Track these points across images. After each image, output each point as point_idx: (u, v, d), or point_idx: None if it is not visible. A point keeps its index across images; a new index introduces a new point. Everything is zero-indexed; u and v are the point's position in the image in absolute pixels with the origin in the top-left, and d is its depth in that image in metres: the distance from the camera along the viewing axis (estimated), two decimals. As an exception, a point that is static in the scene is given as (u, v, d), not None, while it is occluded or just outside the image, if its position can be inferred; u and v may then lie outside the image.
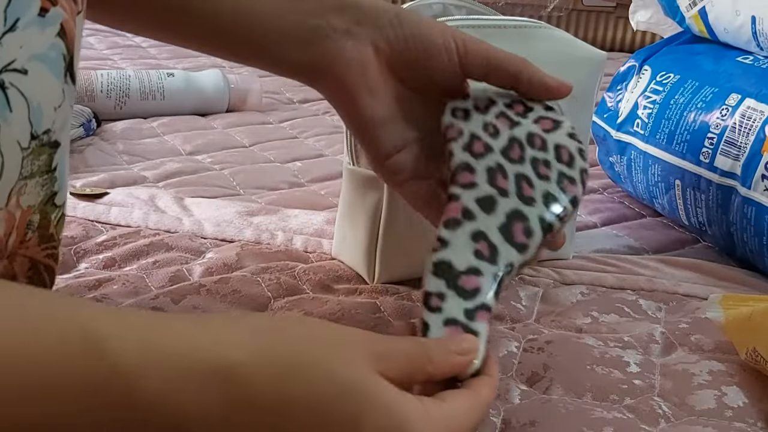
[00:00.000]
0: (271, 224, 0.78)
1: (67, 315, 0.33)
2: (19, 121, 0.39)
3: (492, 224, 0.47)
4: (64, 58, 0.41)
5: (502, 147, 0.49)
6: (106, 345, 0.32)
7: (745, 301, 0.58)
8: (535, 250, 0.47)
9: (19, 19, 0.37)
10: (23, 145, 0.39)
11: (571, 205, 0.49)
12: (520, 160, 0.49)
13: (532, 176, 0.49)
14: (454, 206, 0.47)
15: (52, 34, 0.40)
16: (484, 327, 0.44)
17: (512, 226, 0.47)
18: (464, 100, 0.52)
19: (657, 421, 0.52)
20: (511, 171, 0.49)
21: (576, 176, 0.49)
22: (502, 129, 0.50)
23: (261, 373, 0.35)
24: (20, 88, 0.38)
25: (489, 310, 0.44)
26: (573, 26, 1.74)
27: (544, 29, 0.67)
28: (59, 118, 0.42)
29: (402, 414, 0.36)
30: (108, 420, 0.33)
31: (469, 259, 0.45)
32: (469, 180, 0.48)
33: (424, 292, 0.45)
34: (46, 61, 0.40)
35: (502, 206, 0.47)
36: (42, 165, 0.42)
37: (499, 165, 0.49)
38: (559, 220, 0.48)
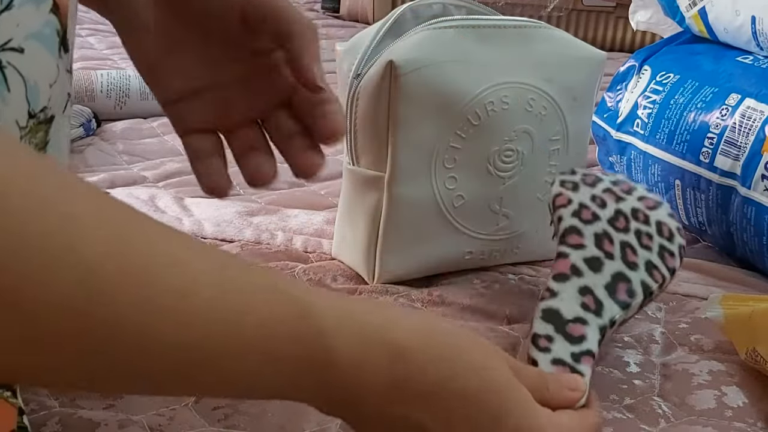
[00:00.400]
0: (271, 224, 0.78)
1: (281, 287, 0.35)
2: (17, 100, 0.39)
3: (598, 282, 0.52)
4: (58, 33, 0.41)
5: (608, 217, 0.55)
6: (315, 318, 0.35)
7: (745, 301, 0.58)
8: (636, 310, 0.53)
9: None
10: (21, 124, 0.39)
11: (670, 275, 0.55)
12: (625, 230, 0.55)
13: (636, 245, 0.55)
14: (563, 263, 0.53)
15: (45, 10, 0.40)
16: (588, 370, 0.48)
17: (617, 285, 0.53)
18: (572, 174, 0.58)
19: (657, 421, 0.52)
20: (616, 238, 0.54)
21: (675, 250, 0.56)
22: (609, 202, 0.56)
23: (423, 359, 0.38)
24: (18, 67, 0.38)
25: (593, 356, 0.49)
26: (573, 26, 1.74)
27: (544, 29, 0.67)
28: (54, 95, 0.41)
29: (537, 415, 0.40)
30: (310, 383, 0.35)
31: (576, 309, 0.51)
32: (578, 242, 0.54)
33: (533, 333, 0.50)
34: (42, 39, 0.39)
35: (607, 267, 0.53)
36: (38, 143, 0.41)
37: (605, 232, 0.55)
38: (659, 287, 0.54)
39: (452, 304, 0.64)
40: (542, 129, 0.67)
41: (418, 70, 0.62)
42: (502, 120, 0.65)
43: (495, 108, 0.64)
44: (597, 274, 0.53)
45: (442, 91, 0.63)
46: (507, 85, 0.65)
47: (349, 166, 0.68)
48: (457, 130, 0.64)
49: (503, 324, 0.63)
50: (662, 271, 0.55)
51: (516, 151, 0.66)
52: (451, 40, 0.64)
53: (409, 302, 0.64)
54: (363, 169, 0.66)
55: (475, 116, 0.64)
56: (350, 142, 0.66)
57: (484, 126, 0.64)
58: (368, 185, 0.66)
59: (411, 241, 0.66)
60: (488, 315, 0.63)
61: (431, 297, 0.65)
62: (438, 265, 0.68)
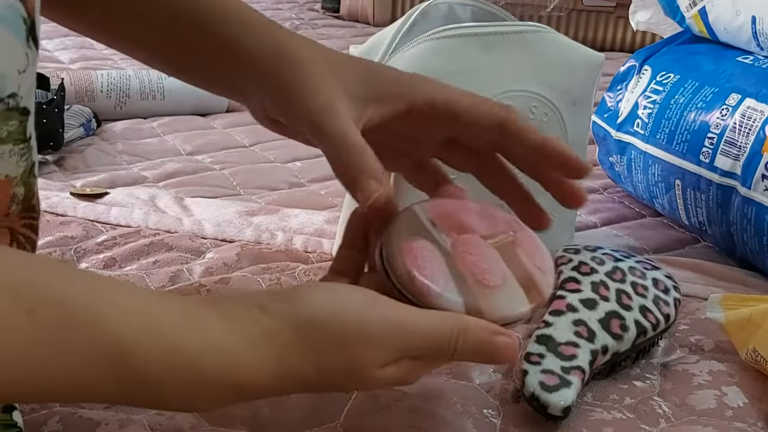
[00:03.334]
0: (271, 224, 0.78)
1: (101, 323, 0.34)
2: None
3: (592, 317, 0.55)
4: (24, 21, 0.40)
5: (606, 271, 0.58)
6: (132, 360, 0.35)
7: (746, 301, 0.58)
8: (629, 345, 0.55)
9: None
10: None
11: (665, 321, 0.57)
12: (621, 281, 0.58)
13: (631, 293, 0.57)
14: (559, 302, 0.56)
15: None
16: (578, 381, 0.51)
17: (610, 320, 0.55)
18: (575, 245, 0.62)
19: (657, 421, 0.52)
20: (612, 286, 0.57)
21: (670, 301, 0.58)
22: (608, 261, 0.59)
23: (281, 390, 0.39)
24: None
25: (584, 372, 0.51)
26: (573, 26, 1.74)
27: (543, 33, 0.67)
28: (24, 83, 0.41)
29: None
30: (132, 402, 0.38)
31: (569, 336, 0.53)
32: (575, 287, 0.57)
33: (526, 352, 0.52)
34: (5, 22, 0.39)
35: (602, 307, 0.55)
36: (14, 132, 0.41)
37: (602, 281, 0.57)
38: (653, 328, 0.56)
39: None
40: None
41: None
42: (505, 128, 0.65)
43: (498, 117, 0.64)
44: (591, 311, 0.55)
45: (447, 102, 0.63)
46: (510, 94, 0.64)
47: (353, 170, 0.68)
48: (461, 139, 0.64)
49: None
50: (656, 315, 0.57)
51: None
52: (454, 50, 0.63)
53: (410, 302, 0.64)
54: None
55: (478, 124, 0.64)
56: None
57: (487, 134, 0.64)
58: (371, 191, 0.66)
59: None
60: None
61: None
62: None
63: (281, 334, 0.38)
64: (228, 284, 0.63)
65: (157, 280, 0.66)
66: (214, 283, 0.64)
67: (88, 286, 0.35)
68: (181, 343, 0.36)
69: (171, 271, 0.67)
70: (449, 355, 0.41)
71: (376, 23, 1.80)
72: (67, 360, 0.33)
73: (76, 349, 0.33)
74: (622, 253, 0.61)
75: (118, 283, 0.37)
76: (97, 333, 0.34)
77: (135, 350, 0.34)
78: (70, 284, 0.35)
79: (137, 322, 0.35)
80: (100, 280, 0.37)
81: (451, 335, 0.41)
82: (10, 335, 0.32)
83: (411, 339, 0.40)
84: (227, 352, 0.37)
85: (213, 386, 0.37)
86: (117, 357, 0.34)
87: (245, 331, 0.38)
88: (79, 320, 0.34)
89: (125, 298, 0.36)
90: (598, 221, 0.86)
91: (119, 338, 0.34)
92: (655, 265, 0.61)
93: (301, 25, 1.77)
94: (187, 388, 0.36)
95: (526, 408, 0.51)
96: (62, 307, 0.34)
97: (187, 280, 0.66)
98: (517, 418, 0.51)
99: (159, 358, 0.35)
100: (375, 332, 0.39)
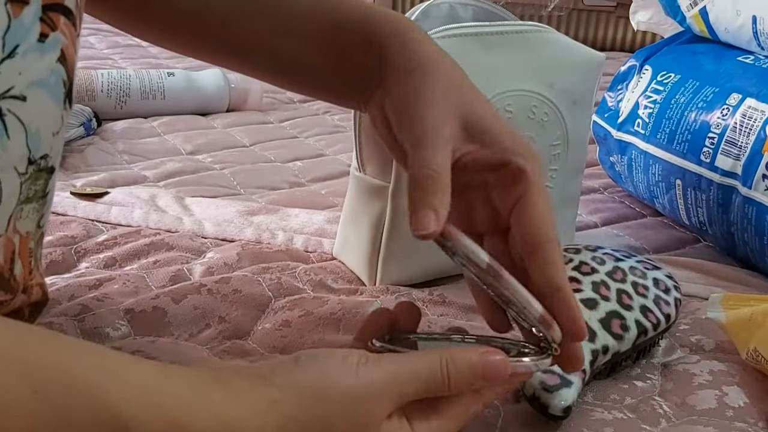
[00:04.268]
0: (272, 224, 0.77)
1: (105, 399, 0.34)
2: (17, 147, 0.38)
3: (593, 316, 0.54)
4: (64, 84, 0.40)
5: (606, 270, 0.58)
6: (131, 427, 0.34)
7: (746, 301, 0.58)
8: (630, 345, 0.55)
9: (18, 45, 0.37)
10: (21, 170, 0.39)
11: (665, 321, 0.57)
12: (622, 281, 0.57)
13: (632, 293, 0.57)
14: None
15: (52, 59, 0.39)
16: (578, 381, 0.50)
17: (611, 320, 0.54)
18: (576, 244, 0.61)
19: (658, 421, 0.52)
20: (613, 286, 0.57)
21: (671, 301, 0.58)
22: (608, 261, 0.59)
23: None
24: (18, 114, 0.38)
25: (584, 372, 0.51)
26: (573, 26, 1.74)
27: (544, 33, 0.67)
28: (56, 144, 0.41)
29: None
30: None
31: None
32: (575, 287, 0.56)
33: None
34: (46, 87, 0.39)
35: (603, 307, 0.55)
36: (39, 190, 0.41)
37: (602, 281, 0.57)
38: (653, 328, 0.56)
39: (453, 304, 0.64)
40: (544, 135, 0.67)
41: None
42: (505, 128, 0.65)
43: (499, 117, 0.64)
44: (592, 311, 0.54)
45: (448, 101, 0.63)
46: (510, 93, 0.64)
47: (356, 173, 0.68)
48: (462, 139, 0.64)
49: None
50: (657, 314, 0.56)
51: None
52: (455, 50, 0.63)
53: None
54: (369, 177, 0.66)
55: (479, 125, 0.64)
56: (357, 149, 0.66)
57: (488, 134, 0.64)
58: (373, 194, 0.66)
59: (413, 249, 0.66)
60: (489, 315, 0.64)
61: (432, 297, 0.65)
62: (440, 272, 0.68)
63: (285, 402, 0.38)
64: (228, 284, 0.63)
65: (157, 279, 0.65)
66: (214, 282, 0.64)
67: (92, 360, 0.35)
68: (184, 416, 0.36)
69: (171, 271, 0.67)
70: (445, 385, 0.41)
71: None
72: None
73: (79, 423, 0.33)
74: (623, 252, 0.61)
75: (122, 357, 0.37)
76: (99, 408, 0.34)
77: (136, 425, 0.34)
78: (76, 360, 0.35)
79: (139, 397, 0.35)
80: (104, 354, 0.37)
81: (441, 364, 0.41)
82: (14, 413, 0.32)
83: (405, 381, 0.40)
84: (231, 425, 0.36)
85: None
86: (118, 430, 0.34)
87: (249, 403, 0.37)
88: (82, 395, 0.34)
89: (128, 373, 0.36)
90: (599, 221, 0.86)
91: (120, 412, 0.34)
92: (655, 265, 0.61)
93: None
94: None
95: (527, 408, 0.51)
96: (66, 384, 0.34)
97: (188, 279, 0.66)
98: (518, 418, 0.51)
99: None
100: (376, 390, 0.39)
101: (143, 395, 0.35)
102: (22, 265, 0.42)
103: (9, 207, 0.39)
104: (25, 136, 0.38)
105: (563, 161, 0.69)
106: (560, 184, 0.70)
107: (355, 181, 0.68)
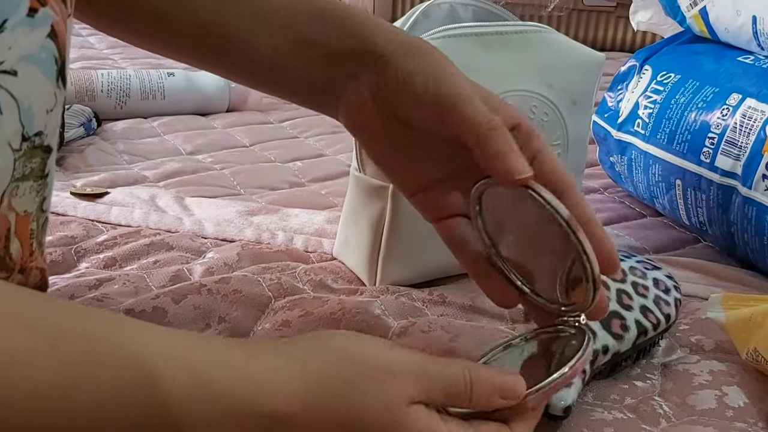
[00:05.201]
0: (272, 224, 0.77)
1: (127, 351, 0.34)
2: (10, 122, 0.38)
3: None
4: (56, 60, 0.41)
5: None
6: (159, 387, 0.34)
7: (746, 301, 0.58)
8: (630, 345, 0.55)
9: (6, 20, 0.37)
10: (14, 146, 0.39)
11: (665, 321, 0.57)
12: (622, 281, 0.57)
13: (632, 293, 0.57)
14: None
15: (42, 35, 0.39)
16: (578, 381, 0.51)
17: (611, 321, 0.54)
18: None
19: (658, 421, 0.52)
20: (613, 286, 0.56)
21: (671, 301, 0.58)
22: None
23: (310, 423, 0.37)
24: (10, 89, 0.38)
25: (584, 372, 0.52)
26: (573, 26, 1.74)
27: (544, 33, 0.67)
28: (51, 122, 0.41)
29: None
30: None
31: None
32: None
33: None
34: (37, 62, 0.39)
35: None
36: (35, 169, 0.41)
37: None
38: (653, 328, 0.56)
39: (453, 304, 0.64)
40: (544, 135, 0.67)
41: None
42: (505, 129, 0.65)
43: (499, 117, 0.64)
44: None
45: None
46: (511, 93, 0.64)
47: (356, 173, 0.68)
48: (462, 139, 0.64)
49: (504, 324, 0.63)
50: (657, 315, 0.57)
51: None
52: (455, 49, 0.63)
53: (410, 301, 0.64)
54: (369, 177, 0.66)
55: (479, 125, 0.64)
56: (357, 150, 0.66)
57: (488, 134, 0.64)
58: (373, 194, 0.66)
59: (413, 250, 0.66)
60: (490, 315, 0.63)
61: (432, 296, 0.65)
62: (440, 272, 0.68)
63: (309, 363, 0.38)
64: (228, 284, 0.63)
65: (157, 280, 0.65)
66: (214, 282, 0.64)
67: (109, 321, 0.35)
68: (209, 373, 0.35)
69: (171, 271, 0.67)
70: (467, 393, 0.41)
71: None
72: (93, 391, 0.33)
73: (101, 378, 0.33)
74: (623, 252, 0.61)
75: (138, 322, 0.37)
76: (121, 361, 0.33)
77: (160, 376, 0.34)
78: (92, 321, 0.35)
79: (160, 350, 0.35)
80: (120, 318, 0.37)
81: (464, 372, 0.41)
82: (33, 370, 0.32)
83: (432, 372, 0.40)
84: (253, 380, 0.36)
85: (241, 416, 0.36)
86: (142, 382, 0.34)
87: (270, 361, 0.37)
88: (103, 351, 0.34)
89: (147, 334, 0.36)
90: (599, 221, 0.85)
91: (143, 364, 0.34)
92: (655, 265, 0.61)
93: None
94: (214, 415, 0.35)
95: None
96: (85, 341, 0.33)
97: (188, 279, 0.66)
98: (518, 418, 0.51)
99: (185, 384, 0.34)
100: (403, 366, 0.39)
101: (165, 349, 0.35)
102: (20, 244, 0.42)
103: (2, 183, 0.39)
104: (18, 111, 0.39)
105: (563, 161, 0.69)
106: (560, 184, 0.70)
107: (355, 181, 0.68)
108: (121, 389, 0.33)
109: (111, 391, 0.33)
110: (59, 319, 0.34)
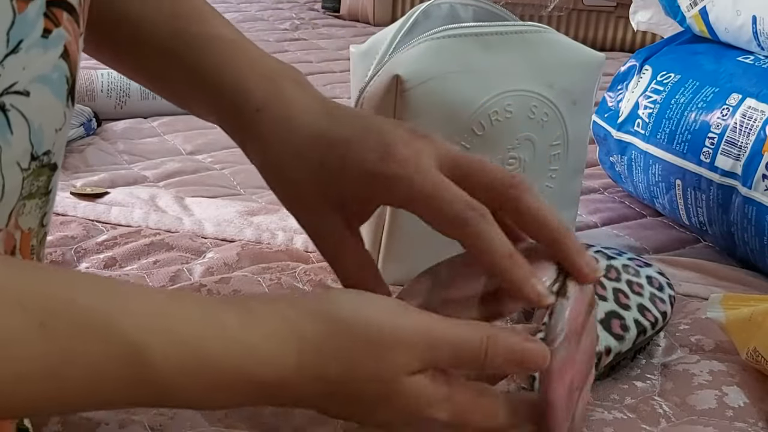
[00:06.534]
0: (272, 224, 0.77)
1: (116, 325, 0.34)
2: (20, 142, 0.38)
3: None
4: (67, 80, 0.40)
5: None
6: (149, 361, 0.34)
7: (746, 301, 0.58)
8: (630, 345, 0.55)
9: (22, 40, 0.37)
10: (23, 165, 0.39)
11: (662, 318, 0.57)
12: (617, 279, 0.57)
13: (628, 291, 0.57)
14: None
15: (55, 56, 0.39)
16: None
17: (611, 321, 0.55)
18: None
19: (658, 421, 0.52)
20: (609, 285, 0.57)
21: (666, 298, 0.59)
22: (601, 259, 0.59)
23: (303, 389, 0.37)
24: (21, 109, 0.38)
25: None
26: (573, 26, 1.74)
27: (544, 33, 0.67)
28: (59, 141, 0.41)
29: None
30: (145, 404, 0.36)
31: None
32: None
33: None
34: (49, 83, 0.39)
35: (601, 307, 0.55)
36: (41, 186, 0.41)
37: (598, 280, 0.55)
38: (651, 326, 0.56)
39: (453, 304, 0.64)
40: (544, 135, 0.67)
41: (425, 83, 0.62)
42: (505, 129, 0.65)
43: (499, 117, 0.64)
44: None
45: (448, 103, 0.63)
46: (510, 93, 0.64)
47: (355, 173, 0.67)
48: (461, 140, 0.64)
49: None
50: (654, 313, 0.57)
51: (518, 158, 0.66)
52: (455, 50, 0.63)
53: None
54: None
55: (479, 126, 0.64)
56: None
57: (487, 135, 0.64)
58: (373, 195, 0.66)
59: (413, 250, 0.66)
60: (489, 315, 0.63)
61: (432, 297, 0.65)
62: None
63: (304, 327, 0.37)
64: (228, 284, 0.63)
65: (157, 280, 0.65)
66: (214, 282, 0.64)
67: (98, 289, 0.35)
68: (197, 340, 0.35)
69: (171, 271, 0.67)
70: (480, 360, 0.40)
71: (376, 23, 1.80)
72: (82, 366, 0.33)
73: (90, 354, 0.33)
74: (614, 250, 0.61)
75: (128, 285, 0.37)
76: (110, 336, 0.34)
77: (149, 350, 0.34)
78: (80, 290, 0.35)
79: (149, 323, 0.35)
80: (110, 284, 0.37)
81: (481, 340, 0.40)
82: (25, 351, 0.32)
83: (439, 345, 0.39)
84: (245, 346, 0.36)
85: (230, 383, 0.36)
86: (131, 357, 0.34)
87: (265, 324, 0.37)
88: (92, 325, 0.34)
89: (136, 300, 0.36)
90: (599, 221, 0.86)
91: (132, 339, 0.34)
92: (646, 262, 0.61)
93: (302, 24, 1.77)
94: (204, 385, 0.35)
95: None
96: (74, 314, 0.33)
97: (188, 279, 0.66)
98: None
99: (174, 357, 0.35)
100: (405, 337, 0.39)
101: (154, 321, 0.35)
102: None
103: (11, 202, 0.39)
104: (29, 131, 0.39)
105: (563, 161, 0.69)
106: (560, 184, 0.70)
107: (355, 181, 0.68)
108: (109, 364, 0.34)
109: (100, 367, 0.33)
110: (46, 289, 0.34)
